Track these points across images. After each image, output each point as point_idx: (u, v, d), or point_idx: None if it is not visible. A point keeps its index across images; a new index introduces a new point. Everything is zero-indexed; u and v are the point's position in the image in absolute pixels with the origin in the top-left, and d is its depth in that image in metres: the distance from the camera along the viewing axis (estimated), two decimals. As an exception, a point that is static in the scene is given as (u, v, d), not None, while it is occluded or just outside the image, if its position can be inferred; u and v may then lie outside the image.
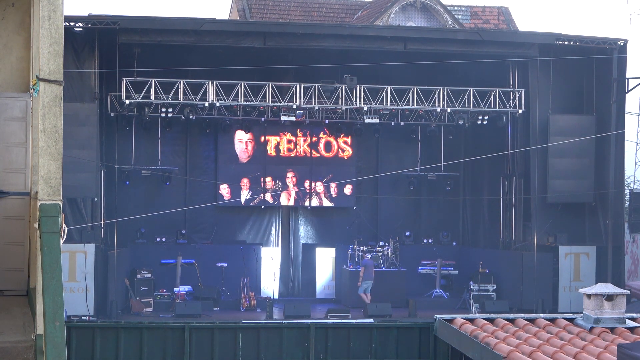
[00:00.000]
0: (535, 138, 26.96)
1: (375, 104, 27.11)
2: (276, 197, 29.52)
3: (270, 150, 29.54)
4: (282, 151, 29.61)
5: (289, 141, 29.62)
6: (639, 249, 32.18)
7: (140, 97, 25.75)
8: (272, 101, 26.61)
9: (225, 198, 29.07)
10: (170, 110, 26.27)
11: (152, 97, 25.85)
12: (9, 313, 7.38)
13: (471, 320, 14.21)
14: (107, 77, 26.05)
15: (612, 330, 13.45)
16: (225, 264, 27.33)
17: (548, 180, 26.81)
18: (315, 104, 26.82)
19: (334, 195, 29.95)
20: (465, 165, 29.99)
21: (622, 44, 26.71)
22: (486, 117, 27.74)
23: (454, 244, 30.25)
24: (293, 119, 27.26)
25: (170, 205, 27.45)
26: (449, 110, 27.55)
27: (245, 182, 29.30)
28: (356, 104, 27.00)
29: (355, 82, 26.50)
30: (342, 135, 29.56)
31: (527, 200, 27.53)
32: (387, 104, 27.15)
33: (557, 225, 27.21)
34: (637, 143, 33.91)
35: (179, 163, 29.10)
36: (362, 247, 27.87)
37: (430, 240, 29.93)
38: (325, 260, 29.26)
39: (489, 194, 29.59)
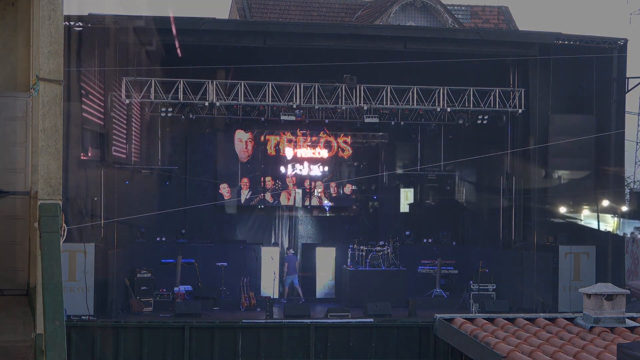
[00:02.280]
0: (535, 137, 26.97)
1: (375, 104, 27.09)
2: (276, 196, 29.51)
3: (270, 150, 29.54)
4: (282, 150, 29.61)
5: (289, 140, 29.61)
6: (639, 248, 32.18)
7: (140, 96, 25.74)
8: (272, 101, 26.60)
9: (225, 198, 29.07)
10: (170, 109, 26.27)
11: (152, 96, 25.84)
12: (9, 313, 7.37)
13: (471, 320, 14.21)
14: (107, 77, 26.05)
15: (612, 329, 13.45)
16: (225, 264, 27.32)
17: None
18: (315, 103, 26.82)
19: (334, 195, 29.94)
20: (465, 165, 29.96)
21: (622, 43, 26.70)
22: (486, 117, 27.74)
23: (454, 243, 30.23)
24: (293, 118, 27.26)
25: (170, 205, 27.43)
26: (449, 109, 27.54)
27: (245, 181, 29.29)
28: (356, 103, 26.99)
29: (355, 82, 26.50)
30: (342, 134, 29.55)
31: (527, 200, 27.52)
32: (387, 104, 27.14)
33: (557, 225, 27.21)
34: (637, 143, 33.90)
35: (179, 163, 29.08)
36: (362, 247, 27.88)
37: (430, 240, 29.91)
38: (325, 260, 29.25)
39: (489, 193, 29.57)
